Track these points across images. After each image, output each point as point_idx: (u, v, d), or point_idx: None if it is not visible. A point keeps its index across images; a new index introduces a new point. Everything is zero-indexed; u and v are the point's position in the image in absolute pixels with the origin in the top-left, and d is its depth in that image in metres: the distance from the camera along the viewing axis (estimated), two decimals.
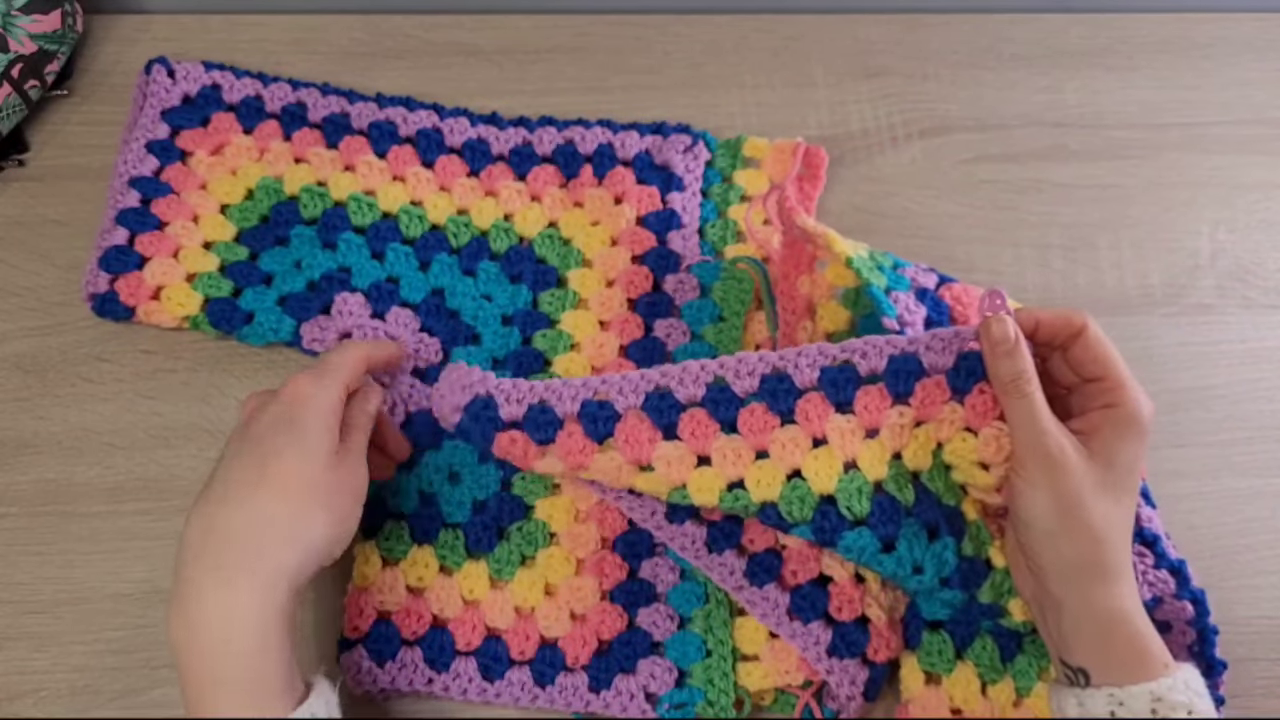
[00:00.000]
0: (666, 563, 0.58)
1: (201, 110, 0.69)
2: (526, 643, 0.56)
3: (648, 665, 0.56)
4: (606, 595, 0.57)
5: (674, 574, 0.57)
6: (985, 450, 0.51)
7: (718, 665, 0.55)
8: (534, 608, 0.57)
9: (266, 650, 0.46)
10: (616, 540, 0.58)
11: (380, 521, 0.58)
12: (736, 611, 0.57)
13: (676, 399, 0.53)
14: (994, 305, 0.51)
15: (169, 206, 0.65)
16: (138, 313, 0.63)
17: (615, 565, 0.57)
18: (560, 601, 0.57)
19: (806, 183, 0.68)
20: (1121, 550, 0.49)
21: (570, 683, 0.55)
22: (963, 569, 0.52)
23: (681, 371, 0.53)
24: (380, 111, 0.69)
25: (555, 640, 0.56)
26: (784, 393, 0.52)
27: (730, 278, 0.63)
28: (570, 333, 0.63)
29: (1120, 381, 0.49)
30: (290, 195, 0.66)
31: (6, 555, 0.58)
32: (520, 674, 0.56)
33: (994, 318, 0.50)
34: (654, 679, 0.55)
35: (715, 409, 0.53)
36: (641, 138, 0.69)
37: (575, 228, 0.66)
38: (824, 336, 0.59)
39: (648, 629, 0.56)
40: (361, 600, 0.56)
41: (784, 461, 0.52)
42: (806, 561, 0.56)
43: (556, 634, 0.56)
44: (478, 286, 0.64)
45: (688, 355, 0.61)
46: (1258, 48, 0.76)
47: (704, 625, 0.56)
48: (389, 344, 0.60)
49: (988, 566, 0.53)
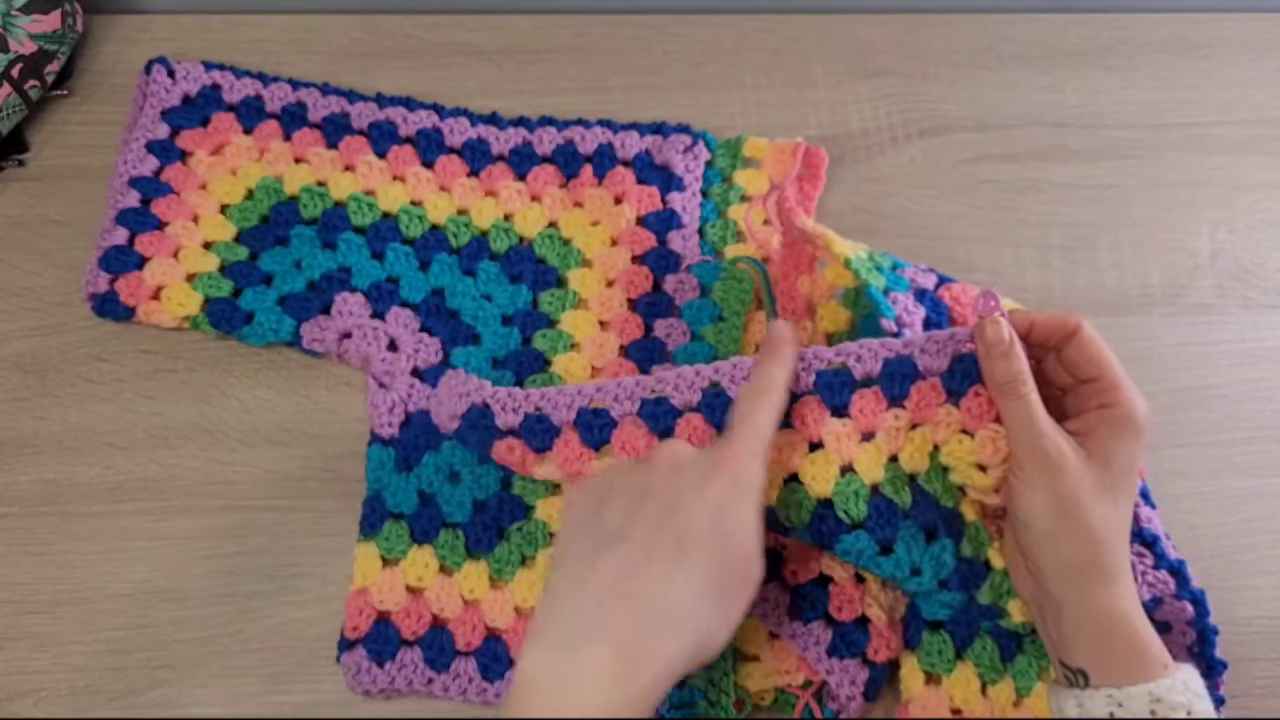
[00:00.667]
0: None
1: (201, 110, 0.69)
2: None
3: None
4: None
5: None
6: (982, 452, 0.50)
7: (718, 665, 0.55)
8: (534, 608, 0.57)
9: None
10: None
11: (380, 521, 0.58)
12: None
13: (672, 405, 0.53)
14: (988, 307, 0.51)
15: (169, 206, 0.65)
16: (138, 313, 0.63)
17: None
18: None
19: (806, 183, 0.68)
20: (1120, 551, 0.49)
21: None
22: (961, 570, 0.52)
23: (677, 378, 0.53)
24: (380, 111, 0.69)
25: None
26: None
27: (730, 278, 0.63)
28: (570, 333, 0.63)
29: (1115, 382, 0.49)
30: (290, 195, 0.66)
31: (6, 555, 0.58)
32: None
33: (988, 319, 0.50)
34: None
35: (711, 414, 0.53)
36: (641, 138, 0.69)
37: (575, 228, 0.66)
38: (824, 337, 0.59)
39: None
40: (361, 600, 0.56)
41: (781, 465, 0.52)
42: (806, 561, 0.56)
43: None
44: (478, 286, 0.64)
45: (688, 355, 0.61)
46: (1258, 48, 0.76)
47: None
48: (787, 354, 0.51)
49: (987, 567, 0.53)
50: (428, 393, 0.61)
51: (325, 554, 0.58)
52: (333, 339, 0.62)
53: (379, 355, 0.61)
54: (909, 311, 0.55)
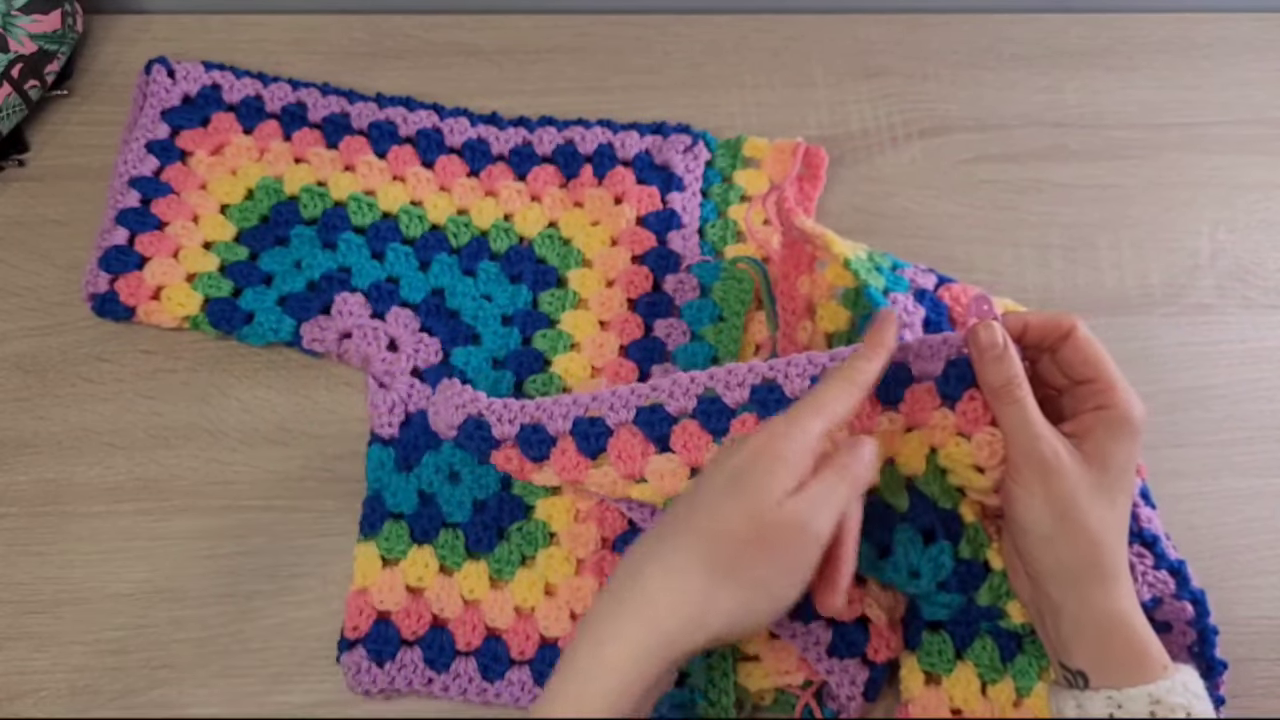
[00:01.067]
0: None
1: (201, 110, 0.69)
2: (526, 643, 0.56)
3: None
4: None
5: None
6: (979, 455, 0.50)
7: (718, 665, 0.55)
8: (534, 608, 0.57)
9: None
10: (616, 540, 0.58)
11: (380, 521, 0.58)
12: None
13: (668, 412, 0.53)
14: (981, 310, 0.51)
15: (169, 206, 0.65)
16: (138, 313, 0.63)
17: (616, 565, 0.57)
18: (560, 601, 0.57)
19: (806, 183, 0.68)
20: (1118, 552, 0.48)
21: None
22: (960, 572, 0.52)
23: (672, 385, 0.54)
24: (380, 111, 0.69)
25: (556, 640, 0.56)
26: (774, 402, 0.52)
27: (730, 278, 0.63)
28: (570, 333, 0.63)
29: (1111, 383, 0.49)
30: (290, 195, 0.66)
31: (6, 555, 0.58)
32: (520, 674, 0.56)
33: (981, 324, 0.50)
34: None
35: (707, 420, 0.53)
36: (641, 138, 0.69)
37: (575, 228, 0.66)
38: (824, 337, 0.59)
39: None
40: (361, 600, 0.56)
41: None
42: None
43: (557, 634, 0.56)
44: (478, 286, 0.64)
45: (688, 355, 0.62)
46: (1258, 48, 0.76)
47: None
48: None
49: (986, 569, 0.53)
50: (428, 393, 0.61)
51: (325, 554, 0.58)
52: (333, 339, 0.62)
53: (379, 355, 0.61)
54: (909, 312, 0.55)
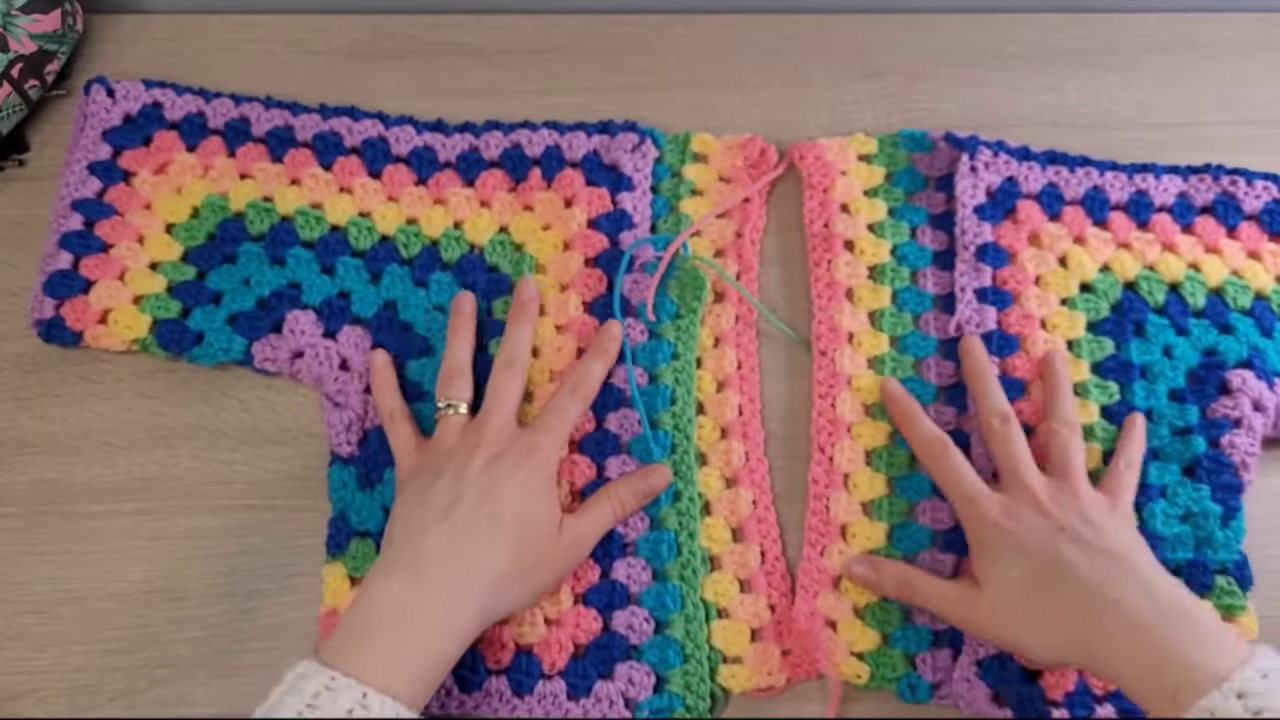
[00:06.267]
0: (639, 563, 0.57)
1: (143, 129, 0.68)
2: (502, 651, 0.55)
3: (625, 670, 0.55)
4: (580, 598, 0.57)
5: (647, 574, 0.57)
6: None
7: (695, 670, 0.55)
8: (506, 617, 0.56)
9: None
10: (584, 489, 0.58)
11: (346, 541, 0.58)
12: (716, 614, 0.57)
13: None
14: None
15: (113, 228, 0.64)
16: (85, 337, 0.62)
17: (586, 565, 0.57)
18: (534, 606, 0.56)
19: (759, 177, 0.68)
20: (1137, 567, 0.50)
21: (548, 690, 0.55)
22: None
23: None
24: (324, 123, 0.68)
25: (530, 648, 0.56)
26: (1145, 207, 0.67)
27: (685, 275, 0.63)
28: None
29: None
30: (236, 212, 0.65)
31: (6, 555, 0.58)
32: (499, 683, 0.55)
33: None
34: (632, 684, 0.55)
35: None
36: (589, 138, 0.68)
37: (526, 233, 0.66)
38: (866, 316, 0.63)
39: (624, 633, 0.56)
40: (333, 622, 0.56)
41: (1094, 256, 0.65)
42: None
43: (531, 640, 0.56)
44: (430, 298, 0.64)
45: (648, 353, 0.62)
46: (1258, 48, 0.76)
47: (682, 630, 0.56)
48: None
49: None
50: None
51: (325, 554, 0.58)
52: (285, 358, 0.61)
53: (331, 375, 0.61)
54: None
